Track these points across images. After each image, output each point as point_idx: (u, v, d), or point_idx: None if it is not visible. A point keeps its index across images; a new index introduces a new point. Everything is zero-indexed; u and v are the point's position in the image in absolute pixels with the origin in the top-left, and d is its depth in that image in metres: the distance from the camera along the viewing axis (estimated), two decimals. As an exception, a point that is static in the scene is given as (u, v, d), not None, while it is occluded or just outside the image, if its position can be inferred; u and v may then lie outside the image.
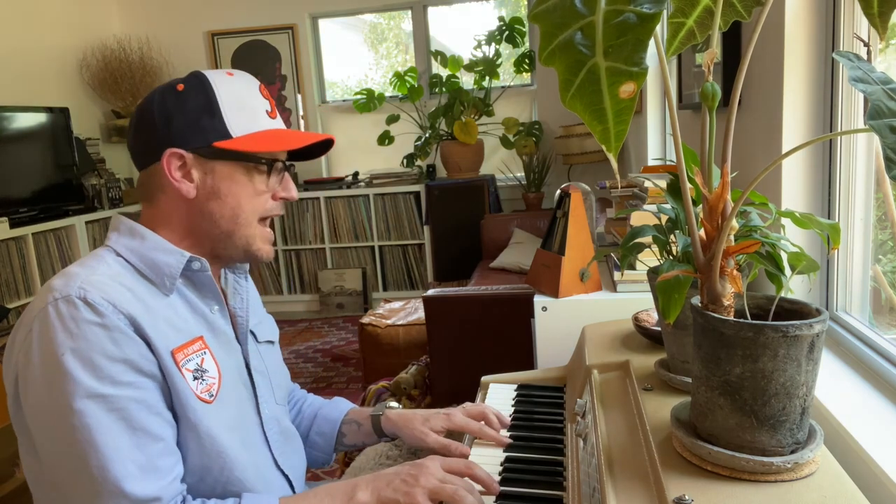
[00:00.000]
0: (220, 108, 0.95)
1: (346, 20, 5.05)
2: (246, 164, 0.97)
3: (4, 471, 2.00)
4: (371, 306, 4.72)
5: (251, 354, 1.07)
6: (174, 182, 0.95)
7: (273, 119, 1.01)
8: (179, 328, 0.94)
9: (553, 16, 0.61)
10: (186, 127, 0.95)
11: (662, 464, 0.76)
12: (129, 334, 0.86)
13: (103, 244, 0.98)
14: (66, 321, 0.83)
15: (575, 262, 1.58)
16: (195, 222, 0.98)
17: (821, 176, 1.22)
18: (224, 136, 0.95)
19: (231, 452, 0.94)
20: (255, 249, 1.02)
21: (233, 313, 1.07)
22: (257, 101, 0.99)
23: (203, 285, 1.00)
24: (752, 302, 0.78)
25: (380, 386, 2.35)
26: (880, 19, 0.67)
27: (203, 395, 0.93)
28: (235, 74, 1.00)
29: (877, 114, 0.59)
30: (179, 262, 0.95)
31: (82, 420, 0.81)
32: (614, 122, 0.60)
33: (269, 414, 1.07)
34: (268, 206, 1.01)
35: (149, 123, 0.96)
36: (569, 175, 4.64)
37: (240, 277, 1.11)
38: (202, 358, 0.95)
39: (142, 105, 0.98)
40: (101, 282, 0.88)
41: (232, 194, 0.97)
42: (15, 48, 4.08)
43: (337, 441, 1.23)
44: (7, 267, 3.57)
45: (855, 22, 1.12)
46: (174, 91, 0.96)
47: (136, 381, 0.86)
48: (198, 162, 0.96)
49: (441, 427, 1.14)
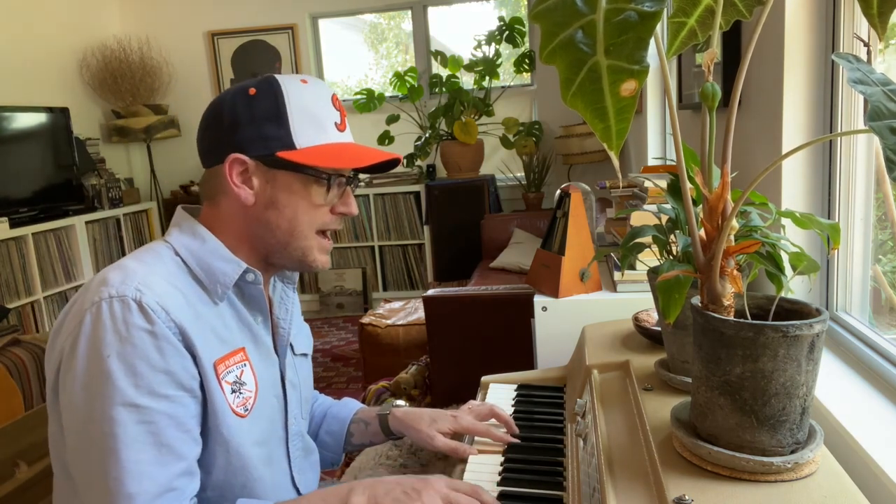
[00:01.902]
0: (287, 116, 0.94)
1: (346, 20, 5.05)
2: (306, 176, 0.96)
3: (4, 471, 2.00)
4: (371, 306, 4.72)
5: (287, 367, 1.06)
6: (234, 187, 0.95)
7: (341, 132, 0.99)
8: (224, 338, 0.93)
9: (554, 15, 0.61)
10: (252, 133, 0.94)
11: (662, 464, 0.76)
12: (175, 345, 0.85)
13: (162, 238, 0.98)
14: (117, 322, 0.83)
15: (575, 262, 1.58)
16: (252, 229, 0.98)
17: (821, 176, 1.22)
18: (288, 146, 0.94)
19: (254, 469, 0.94)
20: (311, 260, 1.00)
21: (275, 324, 1.06)
22: (327, 111, 0.98)
23: (253, 297, 0.99)
24: (752, 302, 0.78)
25: (380, 386, 2.35)
26: (880, 20, 0.67)
27: (238, 409, 0.92)
28: (309, 82, 0.98)
29: (877, 115, 0.59)
30: (235, 271, 0.95)
31: (112, 428, 0.81)
32: (616, 121, 0.60)
33: (295, 430, 1.06)
34: (325, 220, 1.00)
35: (217, 124, 0.96)
36: (569, 175, 4.64)
37: (288, 287, 1.10)
38: (241, 370, 0.95)
39: (214, 104, 0.97)
40: (157, 283, 0.87)
41: (290, 205, 0.96)
42: (15, 48, 4.08)
43: (345, 441, 1.23)
44: (7, 267, 3.57)
45: (855, 22, 1.11)
46: (246, 94, 0.95)
47: (174, 395, 0.85)
48: (259, 170, 0.95)
49: (448, 429, 1.13)
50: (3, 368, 2.59)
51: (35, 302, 3.74)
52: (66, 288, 4.00)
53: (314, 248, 1.00)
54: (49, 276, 3.88)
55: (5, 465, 1.99)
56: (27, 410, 2.44)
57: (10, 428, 2.15)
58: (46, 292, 3.83)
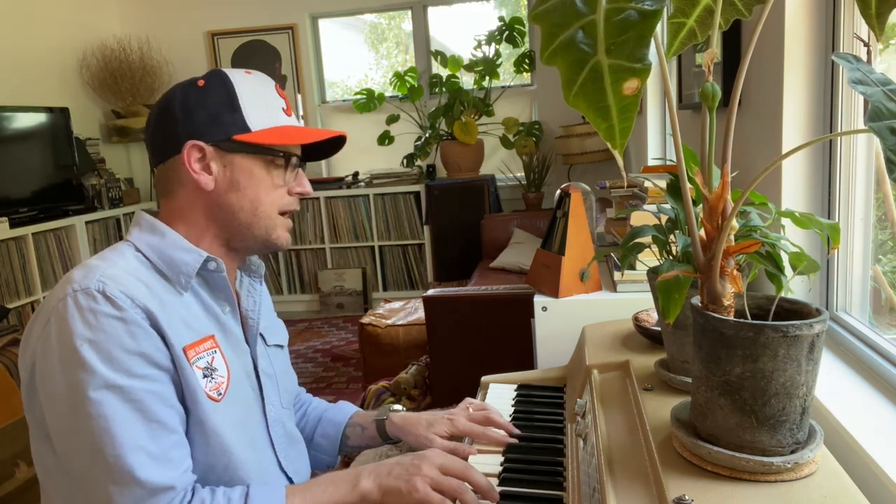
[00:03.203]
0: (240, 103, 0.98)
1: (346, 20, 5.05)
2: (264, 157, 1.00)
3: (4, 471, 2.00)
4: (371, 306, 4.72)
5: (260, 357, 1.08)
6: (193, 174, 0.97)
7: (289, 116, 1.04)
8: (192, 326, 0.95)
9: (554, 15, 0.61)
10: (208, 120, 0.97)
11: (662, 464, 0.76)
12: (145, 328, 0.87)
13: (124, 239, 1.00)
14: (84, 313, 0.85)
15: (575, 262, 1.58)
16: (214, 214, 1.00)
17: (821, 176, 1.22)
18: (243, 130, 0.98)
19: (236, 451, 0.95)
20: (275, 238, 1.04)
21: (244, 315, 1.08)
22: (274, 98, 1.03)
23: (217, 286, 1.01)
24: (752, 302, 0.78)
25: (380, 386, 2.35)
26: (878, 20, 0.67)
27: (212, 393, 0.94)
28: (253, 73, 1.03)
29: (877, 115, 0.59)
30: (196, 260, 0.97)
31: (99, 409, 0.83)
32: (619, 119, 0.60)
33: (274, 416, 1.07)
34: (285, 201, 1.04)
35: (170, 117, 0.98)
36: (569, 175, 4.64)
37: (255, 281, 1.12)
38: (212, 357, 0.96)
39: (162, 101, 1.00)
40: (120, 276, 0.89)
41: (251, 187, 0.99)
42: (15, 48, 4.08)
43: (341, 444, 1.24)
44: (7, 267, 3.57)
45: (855, 22, 1.12)
46: (195, 87, 0.98)
47: (152, 374, 0.87)
48: (217, 154, 0.98)
49: (445, 432, 1.14)
50: (3, 368, 2.59)
51: (35, 302, 3.75)
52: (66, 288, 4.00)
53: (278, 227, 1.04)
54: (49, 276, 3.89)
55: (5, 465, 1.99)
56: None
57: (10, 428, 2.15)
58: (46, 292, 3.82)
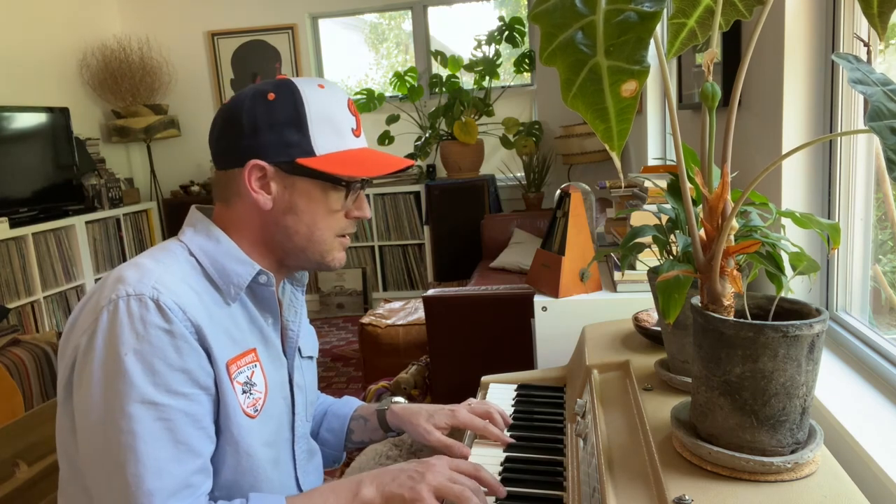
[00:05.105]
0: (307, 122, 0.94)
1: (346, 20, 5.05)
2: (324, 183, 0.97)
3: (4, 471, 2.00)
4: (371, 306, 4.72)
5: (295, 369, 1.07)
6: (252, 192, 0.95)
7: (357, 137, 1.00)
8: (236, 339, 0.94)
9: (553, 16, 0.61)
10: (272, 139, 0.94)
11: (662, 464, 0.76)
12: (192, 344, 0.86)
13: (176, 237, 0.98)
14: (134, 321, 0.83)
15: (575, 262, 1.58)
16: (270, 232, 0.98)
17: (821, 176, 1.22)
18: (308, 153, 0.95)
19: (262, 470, 0.95)
20: (330, 259, 1.02)
21: (284, 326, 1.07)
22: (344, 117, 0.98)
23: (263, 298, 1.00)
24: (752, 302, 0.78)
25: (380, 386, 2.35)
26: (880, 19, 0.67)
27: (248, 410, 0.93)
28: (326, 87, 0.98)
29: (877, 115, 0.59)
30: (249, 273, 0.95)
31: (130, 425, 0.81)
32: (617, 121, 0.60)
33: (301, 432, 1.07)
34: (343, 225, 1.01)
35: (236, 128, 0.95)
36: (569, 175, 4.64)
37: (297, 290, 1.11)
38: (252, 371, 0.95)
39: (230, 107, 0.97)
40: (174, 284, 0.88)
41: (308, 211, 0.97)
42: (15, 48, 4.08)
43: (346, 438, 1.24)
44: (7, 267, 3.57)
45: (855, 22, 1.12)
46: (264, 99, 0.94)
47: (190, 393, 0.86)
48: (279, 175, 0.95)
49: (445, 424, 1.13)
50: (3, 368, 2.59)
51: (35, 302, 3.75)
52: (66, 288, 4.00)
53: (334, 249, 1.02)
54: (49, 276, 3.88)
55: (5, 465, 1.99)
56: (27, 410, 2.44)
57: (10, 428, 2.15)
58: (46, 292, 3.83)
